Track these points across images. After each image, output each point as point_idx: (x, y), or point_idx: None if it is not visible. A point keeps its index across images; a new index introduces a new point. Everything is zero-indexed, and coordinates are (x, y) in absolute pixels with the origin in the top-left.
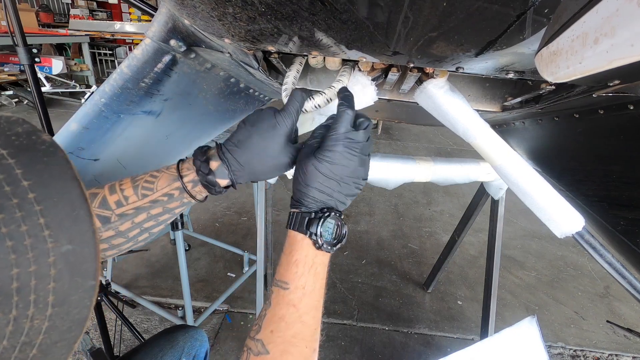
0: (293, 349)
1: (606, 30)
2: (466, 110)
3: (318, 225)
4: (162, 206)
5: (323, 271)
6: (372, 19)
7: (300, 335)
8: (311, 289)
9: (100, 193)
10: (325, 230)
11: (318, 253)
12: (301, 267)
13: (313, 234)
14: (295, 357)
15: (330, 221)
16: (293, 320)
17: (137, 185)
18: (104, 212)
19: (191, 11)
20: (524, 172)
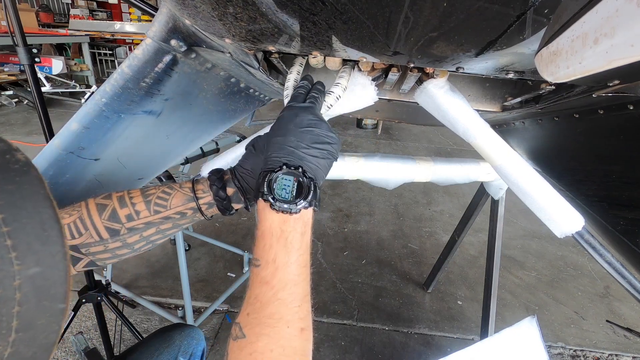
0: (269, 330)
1: (606, 30)
2: (466, 110)
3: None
4: (172, 222)
5: (298, 240)
6: (373, 19)
7: (277, 315)
8: (284, 262)
9: (109, 205)
10: (280, 187)
11: (285, 219)
12: (268, 239)
13: (264, 193)
14: (274, 339)
15: (285, 177)
16: (267, 300)
17: (149, 200)
18: (113, 225)
19: (192, 11)
20: (524, 172)
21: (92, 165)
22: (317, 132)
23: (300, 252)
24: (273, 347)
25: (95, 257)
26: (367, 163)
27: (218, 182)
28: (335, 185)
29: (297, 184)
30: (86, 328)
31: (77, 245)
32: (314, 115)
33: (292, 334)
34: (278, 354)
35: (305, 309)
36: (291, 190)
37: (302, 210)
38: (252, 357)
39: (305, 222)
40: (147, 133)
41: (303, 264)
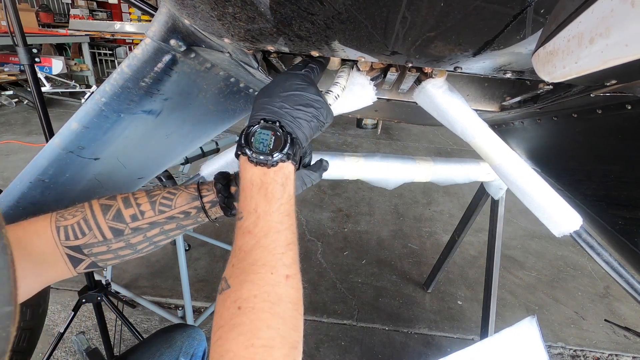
0: (253, 276)
1: (601, 30)
2: (465, 110)
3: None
4: (176, 223)
5: (279, 191)
6: (370, 18)
7: (261, 262)
8: (265, 211)
9: (114, 205)
10: (257, 140)
11: (265, 171)
12: (249, 191)
13: (242, 146)
14: (257, 285)
15: (263, 131)
16: (250, 247)
17: (154, 200)
18: (117, 225)
19: (191, 11)
20: (522, 171)
21: (91, 164)
22: (302, 95)
23: (282, 202)
24: (257, 292)
25: (97, 257)
26: (367, 163)
27: (222, 180)
28: (335, 185)
29: (274, 138)
30: (86, 328)
31: (80, 245)
32: (302, 80)
33: (277, 280)
34: (262, 299)
35: (290, 257)
36: (268, 144)
37: (281, 163)
38: (236, 304)
39: (285, 175)
40: (146, 133)
41: (285, 213)
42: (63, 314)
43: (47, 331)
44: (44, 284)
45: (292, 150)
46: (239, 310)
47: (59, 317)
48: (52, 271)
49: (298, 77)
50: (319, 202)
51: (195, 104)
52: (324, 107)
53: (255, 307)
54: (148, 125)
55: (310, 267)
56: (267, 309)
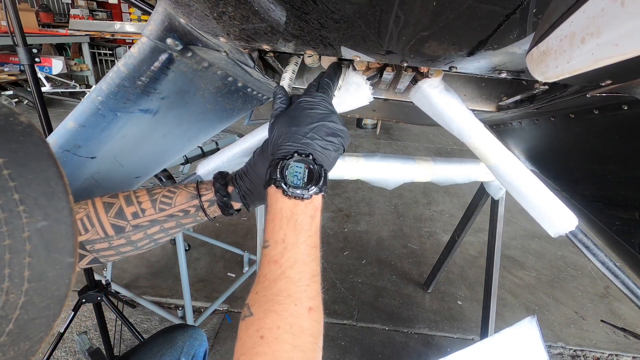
0: (277, 306)
1: (592, 30)
2: (461, 110)
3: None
4: (176, 221)
5: (308, 223)
6: (364, 18)
7: (286, 292)
8: (293, 242)
9: (116, 203)
10: (292, 174)
11: (296, 203)
12: (278, 221)
13: (276, 180)
14: (281, 316)
15: (297, 164)
16: (276, 277)
17: (155, 199)
18: (119, 222)
19: (186, 10)
20: (518, 172)
21: (88, 163)
22: (329, 126)
23: (310, 234)
24: (280, 324)
25: (99, 254)
26: (367, 163)
27: (221, 180)
28: (335, 185)
29: (308, 172)
30: (86, 328)
31: (82, 242)
32: (326, 108)
33: (300, 312)
34: (285, 331)
35: (314, 289)
36: (302, 177)
37: (313, 195)
38: (259, 333)
39: (315, 207)
40: (143, 132)
41: (312, 245)
42: (63, 314)
43: None
44: None
45: (325, 183)
46: (262, 339)
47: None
48: None
49: (321, 104)
50: None
51: (193, 103)
52: (347, 136)
53: (278, 339)
54: (145, 124)
55: None
56: (289, 340)
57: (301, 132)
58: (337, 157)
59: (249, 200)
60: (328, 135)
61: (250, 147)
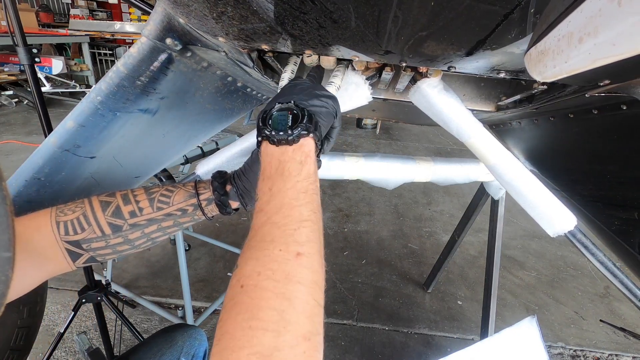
0: (259, 253)
1: (589, 29)
2: (460, 110)
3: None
4: (174, 220)
5: (297, 168)
6: (362, 17)
7: (269, 237)
8: (279, 188)
9: (113, 202)
10: (275, 122)
11: (283, 150)
12: (267, 172)
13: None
14: (262, 262)
15: (280, 112)
16: (260, 225)
17: (152, 197)
18: (116, 221)
19: (185, 10)
20: (517, 171)
21: (88, 163)
22: (312, 90)
23: (298, 179)
24: (260, 269)
25: (95, 252)
26: (367, 163)
27: (219, 179)
28: (335, 185)
29: (292, 116)
30: (86, 328)
31: (79, 240)
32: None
33: (285, 257)
34: (266, 276)
35: (304, 234)
36: (287, 123)
37: (302, 140)
38: (240, 282)
39: (305, 153)
40: (143, 131)
41: (302, 190)
42: (63, 314)
43: (47, 331)
44: (44, 277)
45: (312, 123)
46: (241, 289)
47: (59, 317)
48: (51, 265)
49: (304, 80)
50: None
51: (192, 103)
52: (333, 99)
53: (258, 285)
54: (144, 124)
55: None
56: (270, 287)
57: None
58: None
59: (247, 200)
60: (312, 97)
61: (249, 147)
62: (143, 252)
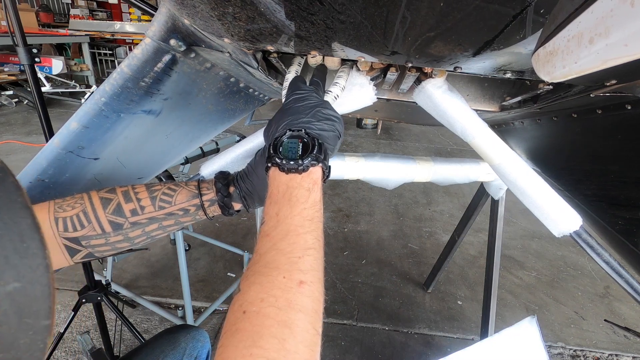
0: (262, 278)
1: (601, 30)
2: (464, 110)
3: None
4: (175, 219)
5: (304, 196)
6: (370, 18)
7: (274, 264)
8: (286, 215)
9: (114, 199)
10: (286, 149)
11: (292, 177)
12: (274, 197)
13: (273, 157)
14: (265, 288)
15: (290, 140)
16: (265, 250)
17: (154, 196)
18: (117, 219)
19: (191, 11)
20: (522, 171)
21: (91, 164)
22: (323, 112)
23: (305, 207)
24: (264, 296)
25: (94, 249)
26: (367, 163)
27: (222, 180)
28: (335, 185)
29: (302, 145)
30: (86, 328)
31: (78, 237)
32: (317, 98)
33: (288, 285)
34: (269, 303)
35: (308, 263)
36: (297, 151)
37: (311, 168)
38: (242, 308)
39: (312, 180)
40: (146, 132)
41: (308, 217)
42: (63, 314)
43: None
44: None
45: (321, 153)
46: (244, 315)
47: (59, 317)
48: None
49: (312, 96)
50: None
51: (195, 104)
52: (340, 121)
53: (260, 312)
54: (148, 125)
55: None
56: (272, 315)
57: (297, 118)
58: (336, 139)
59: (249, 202)
60: (323, 119)
61: (253, 149)
62: (143, 252)
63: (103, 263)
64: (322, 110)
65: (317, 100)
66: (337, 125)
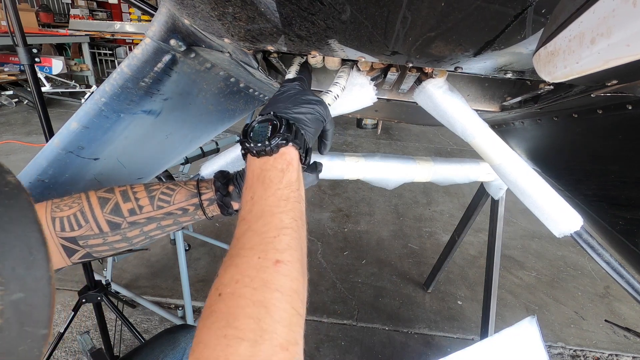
0: (237, 260)
1: (602, 30)
2: (465, 110)
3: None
4: (174, 219)
5: (278, 176)
6: (371, 18)
7: (248, 245)
8: (260, 197)
9: (112, 198)
10: (256, 134)
11: (265, 160)
12: (249, 182)
13: (244, 142)
14: (240, 268)
15: (260, 124)
16: (241, 233)
17: (153, 195)
18: (115, 219)
19: (191, 11)
20: (523, 172)
21: (91, 164)
22: (298, 96)
23: (279, 187)
24: (239, 277)
25: (92, 249)
26: (367, 163)
27: (221, 179)
28: (335, 185)
29: (271, 127)
30: (86, 328)
31: (76, 237)
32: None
33: (263, 265)
34: (243, 284)
35: (284, 242)
36: (266, 134)
37: (283, 149)
38: (218, 290)
39: (287, 160)
40: (146, 133)
41: (283, 197)
42: (63, 314)
43: None
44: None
45: (290, 132)
46: (219, 297)
47: (59, 317)
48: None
49: (293, 88)
50: (319, 202)
51: (195, 104)
52: (321, 103)
53: (235, 293)
54: (148, 126)
55: (310, 267)
56: (247, 295)
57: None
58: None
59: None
60: (298, 104)
61: None
62: (143, 252)
63: (103, 263)
64: (300, 97)
65: (297, 90)
66: (317, 108)
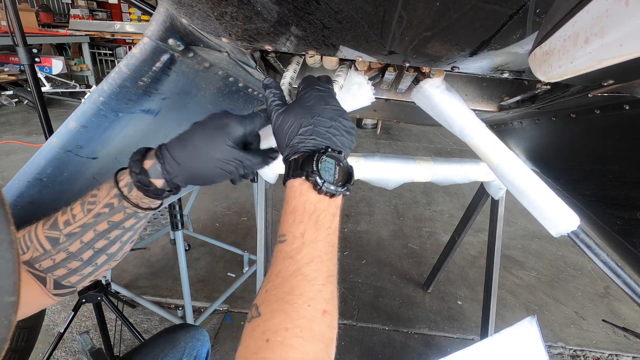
0: (288, 306)
1: (596, 30)
2: (462, 110)
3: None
4: (106, 220)
5: (330, 220)
6: (367, 18)
7: (298, 291)
8: (312, 238)
9: (53, 216)
10: (324, 169)
11: (320, 198)
12: (299, 215)
13: (310, 172)
14: (291, 317)
15: (329, 159)
16: (290, 274)
17: (84, 201)
18: (52, 234)
19: (188, 10)
20: (520, 171)
21: (90, 164)
22: (345, 123)
23: (329, 232)
24: (289, 325)
25: (53, 274)
26: (367, 163)
27: (135, 156)
28: None
29: (338, 169)
30: (86, 328)
31: (30, 261)
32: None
33: (313, 315)
34: (293, 334)
35: (330, 291)
36: (334, 173)
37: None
38: (265, 336)
39: (337, 205)
40: (145, 132)
41: (331, 243)
42: (63, 314)
43: (47, 331)
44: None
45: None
46: (267, 343)
47: (59, 317)
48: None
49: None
50: None
51: (194, 104)
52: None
53: (284, 343)
54: (146, 125)
55: None
56: (297, 346)
57: (323, 125)
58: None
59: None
60: (345, 133)
61: None
62: (143, 252)
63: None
64: (343, 122)
65: (339, 106)
66: (354, 140)
